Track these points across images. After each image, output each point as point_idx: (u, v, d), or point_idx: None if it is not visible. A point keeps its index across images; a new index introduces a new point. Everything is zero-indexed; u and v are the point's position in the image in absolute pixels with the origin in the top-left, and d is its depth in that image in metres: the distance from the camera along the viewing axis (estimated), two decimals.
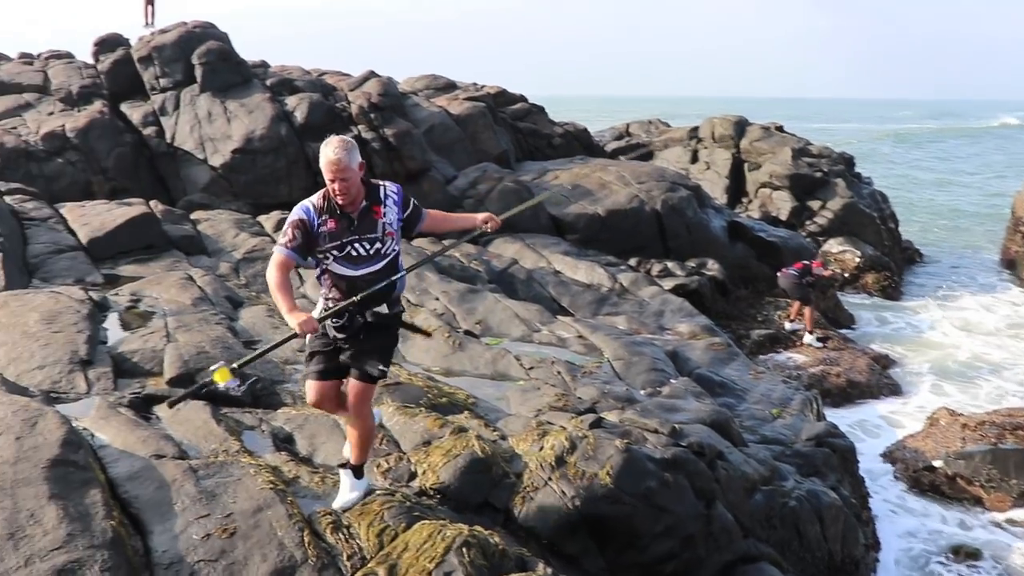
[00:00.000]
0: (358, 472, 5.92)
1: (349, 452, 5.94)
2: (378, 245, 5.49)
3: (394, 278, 5.50)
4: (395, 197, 5.59)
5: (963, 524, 10.67)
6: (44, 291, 10.99)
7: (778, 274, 17.16)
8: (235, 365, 4.80)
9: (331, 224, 5.38)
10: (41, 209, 15.40)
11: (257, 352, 5.23)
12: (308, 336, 5.28)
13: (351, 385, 5.59)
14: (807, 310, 16.43)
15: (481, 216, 5.98)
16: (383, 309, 5.52)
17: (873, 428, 13.87)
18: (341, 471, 5.96)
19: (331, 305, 5.46)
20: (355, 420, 5.73)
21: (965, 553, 9.65)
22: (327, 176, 5.28)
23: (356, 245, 5.44)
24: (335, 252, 5.41)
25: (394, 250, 5.56)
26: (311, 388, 5.69)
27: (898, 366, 16.81)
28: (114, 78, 21.41)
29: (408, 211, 5.67)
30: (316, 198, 5.43)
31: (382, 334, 5.60)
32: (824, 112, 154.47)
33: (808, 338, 16.10)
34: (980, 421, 11.92)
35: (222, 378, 4.73)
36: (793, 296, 16.92)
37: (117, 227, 14.54)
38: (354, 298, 5.33)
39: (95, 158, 19.16)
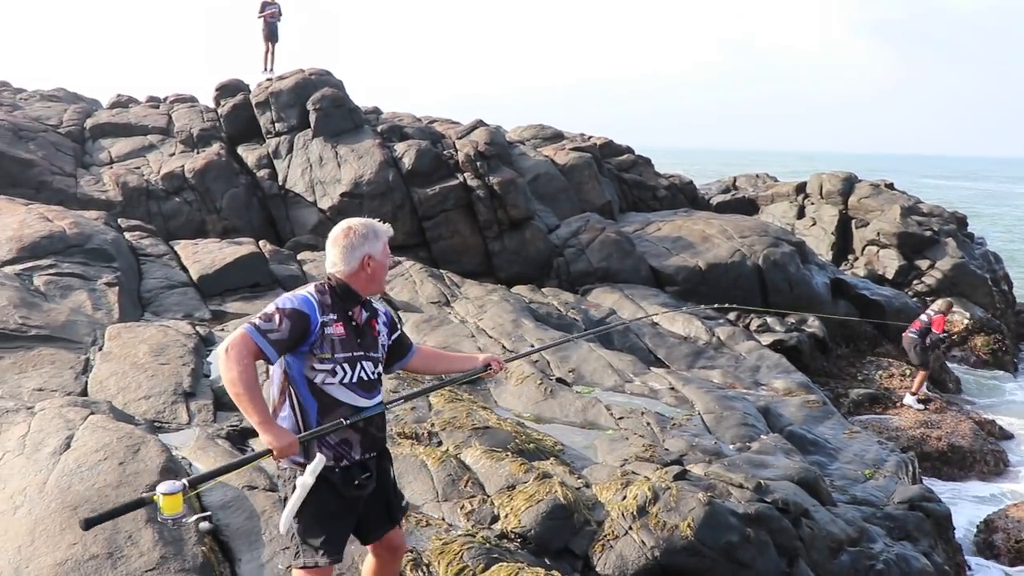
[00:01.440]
0: None
1: None
2: (379, 370, 4.46)
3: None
4: (384, 317, 4.57)
5: None
6: (154, 324, 11.49)
7: (903, 335, 16.68)
8: (186, 483, 3.72)
9: (340, 329, 4.23)
10: (157, 246, 16.11)
11: (216, 469, 4.15)
12: (298, 505, 4.08)
13: (392, 536, 4.61)
14: (921, 373, 15.94)
15: (484, 357, 4.96)
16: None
17: (974, 495, 13.42)
18: None
19: (339, 455, 4.25)
20: (396, 568, 4.82)
21: None
22: (385, 260, 4.40)
23: (365, 364, 4.33)
24: (346, 369, 4.23)
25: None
26: (322, 574, 4.25)
27: (1006, 434, 16.18)
28: (232, 122, 22.32)
29: (394, 337, 4.62)
30: (314, 291, 4.24)
31: (391, 465, 4.64)
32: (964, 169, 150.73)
33: (909, 399, 15.63)
34: None
35: (171, 509, 3.62)
36: (912, 360, 16.45)
37: (226, 265, 15.10)
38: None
39: (210, 198, 20.00)
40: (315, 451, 4.13)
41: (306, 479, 4.04)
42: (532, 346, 12.90)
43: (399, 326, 4.68)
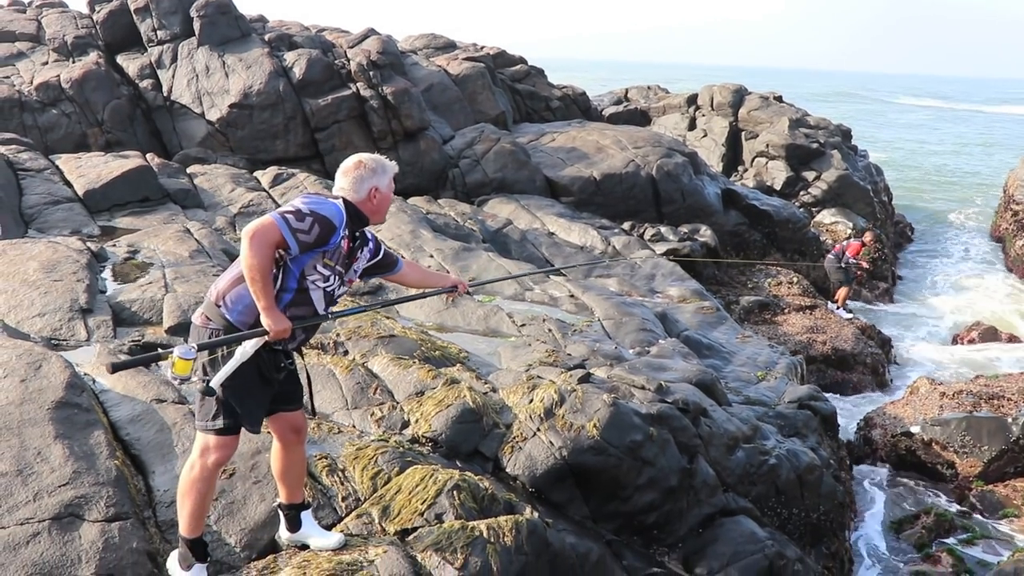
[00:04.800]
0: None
1: (287, 495, 5.02)
2: (342, 292, 4.72)
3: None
4: (371, 244, 4.86)
5: (937, 488, 10.99)
6: (42, 241, 11.10)
7: (824, 258, 18.54)
8: (194, 346, 4.03)
9: (345, 245, 4.51)
10: (36, 160, 15.44)
11: (221, 339, 4.29)
12: (226, 373, 4.26)
13: (295, 417, 4.80)
14: (843, 289, 17.69)
15: (453, 278, 5.35)
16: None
17: (856, 395, 14.20)
18: (304, 515, 5.07)
19: (279, 340, 4.40)
20: (302, 451, 4.95)
21: (936, 514, 9.92)
22: (390, 193, 4.68)
23: (338, 281, 4.62)
24: (334, 280, 4.55)
25: None
26: (231, 444, 4.50)
27: (884, 339, 17.00)
28: (110, 29, 21.28)
29: (376, 259, 4.91)
30: (343, 205, 4.48)
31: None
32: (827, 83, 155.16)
33: (838, 310, 17.21)
34: (958, 390, 12.18)
35: (182, 370, 3.96)
36: (832, 278, 18.06)
37: (113, 179, 14.59)
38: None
39: (91, 110, 19.16)
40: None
41: (246, 349, 4.27)
42: (432, 256, 12.94)
43: (382, 247, 4.97)
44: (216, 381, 4.26)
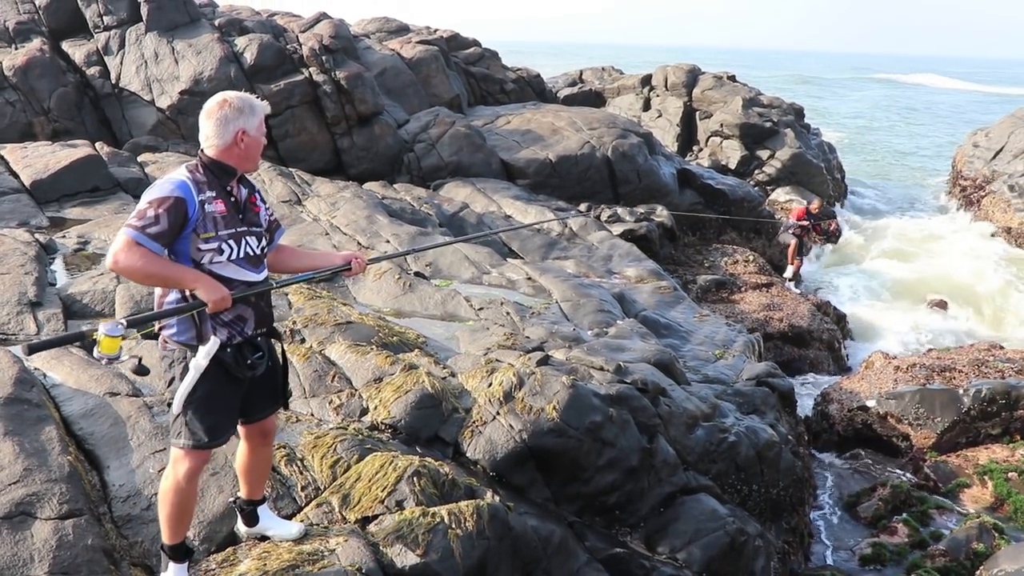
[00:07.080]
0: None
1: (248, 492, 4.90)
2: (264, 244, 4.36)
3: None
4: (261, 194, 4.47)
5: (892, 460, 11.16)
6: None
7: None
8: (124, 321, 3.68)
9: (221, 206, 4.10)
10: None
11: (155, 313, 4.04)
12: (191, 380, 4.05)
13: (265, 422, 4.67)
14: (789, 251, 18.56)
15: (344, 254, 4.80)
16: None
17: (813, 371, 14.35)
18: (261, 509, 4.97)
19: (232, 334, 4.20)
20: (269, 451, 4.89)
21: (892, 487, 10.07)
22: (260, 137, 4.22)
23: (249, 239, 4.23)
24: (231, 245, 4.13)
25: None
26: (202, 455, 4.28)
27: (840, 314, 17.18)
28: (53, 14, 20.76)
29: (270, 219, 4.52)
30: (187, 172, 4.06)
31: (281, 343, 4.62)
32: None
33: (790, 285, 17.64)
34: (911, 364, 12.36)
35: (109, 349, 3.63)
36: (781, 240, 18.87)
37: (62, 169, 14.31)
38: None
39: (36, 98, 18.74)
40: (208, 334, 4.07)
41: (199, 361, 4.04)
42: (388, 241, 12.86)
43: (270, 209, 4.57)
44: (177, 401, 4.10)
